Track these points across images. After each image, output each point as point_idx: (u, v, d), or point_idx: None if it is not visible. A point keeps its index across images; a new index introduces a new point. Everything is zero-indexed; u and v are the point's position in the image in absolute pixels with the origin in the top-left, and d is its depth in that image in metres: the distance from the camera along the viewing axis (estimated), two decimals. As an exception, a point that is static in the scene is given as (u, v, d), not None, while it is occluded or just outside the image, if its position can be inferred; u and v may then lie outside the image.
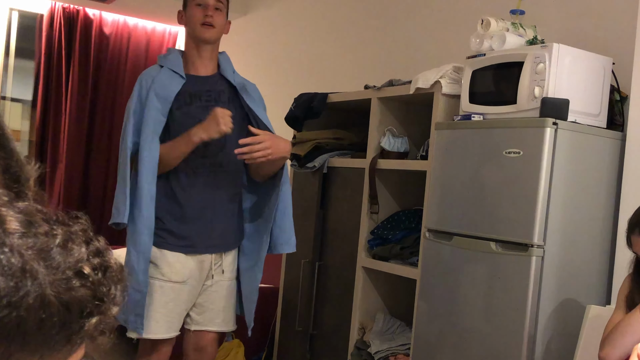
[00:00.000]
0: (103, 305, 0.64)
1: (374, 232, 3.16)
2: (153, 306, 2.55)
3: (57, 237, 0.62)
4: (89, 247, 0.65)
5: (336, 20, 4.41)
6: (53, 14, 5.56)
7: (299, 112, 3.52)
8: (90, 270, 0.63)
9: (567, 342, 2.32)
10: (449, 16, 3.51)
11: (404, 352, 2.97)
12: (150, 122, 2.54)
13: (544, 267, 2.28)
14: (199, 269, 2.62)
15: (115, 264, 0.68)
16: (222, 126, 2.45)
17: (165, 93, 2.58)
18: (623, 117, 2.54)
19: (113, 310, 0.66)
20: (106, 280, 0.65)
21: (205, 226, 2.61)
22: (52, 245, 0.61)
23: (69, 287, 0.60)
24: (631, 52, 2.47)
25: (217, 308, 2.66)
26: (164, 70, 2.63)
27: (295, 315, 3.53)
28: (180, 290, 2.58)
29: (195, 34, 2.63)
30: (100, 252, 0.66)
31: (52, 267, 0.60)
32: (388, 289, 3.24)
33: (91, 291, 0.63)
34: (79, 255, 0.63)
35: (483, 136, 2.47)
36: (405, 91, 2.98)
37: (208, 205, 2.60)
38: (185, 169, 2.59)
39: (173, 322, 2.60)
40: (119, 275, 0.67)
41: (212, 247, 2.63)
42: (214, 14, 2.62)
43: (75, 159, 5.66)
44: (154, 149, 2.52)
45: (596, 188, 2.42)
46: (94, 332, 0.64)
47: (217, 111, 2.48)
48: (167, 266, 2.56)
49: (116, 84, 5.84)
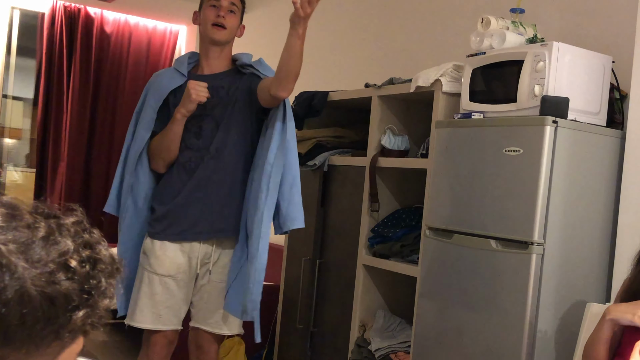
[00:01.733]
0: (91, 298, 0.63)
1: (374, 230, 3.16)
2: (139, 295, 2.61)
3: (39, 229, 0.61)
4: (77, 239, 0.64)
5: (337, 18, 4.42)
6: (54, 12, 5.57)
7: (300, 110, 3.52)
8: (76, 264, 0.61)
9: (567, 339, 2.33)
10: (449, 15, 3.52)
11: (405, 350, 2.98)
12: (143, 118, 2.66)
13: (544, 264, 2.29)
14: (188, 264, 2.63)
15: (106, 257, 0.66)
16: (193, 95, 2.51)
17: (160, 90, 2.66)
18: (623, 116, 2.55)
19: (103, 302, 0.65)
20: (95, 273, 0.64)
21: (194, 212, 2.62)
22: (34, 238, 0.60)
23: (52, 281, 0.59)
24: (631, 51, 2.47)
25: (210, 308, 2.66)
26: (170, 70, 2.73)
27: (296, 313, 3.54)
28: (168, 284, 2.60)
29: (205, 33, 2.67)
30: (90, 244, 0.64)
31: (32, 260, 0.58)
32: (388, 287, 3.25)
33: (78, 284, 0.61)
34: (65, 247, 0.61)
35: (483, 134, 2.48)
36: (406, 89, 2.98)
37: (199, 193, 2.61)
38: (181, 160, 2.64)
39: (161, 315, 2.60)
40: (110, 268, 0.66)
41: (202, 234, 2.61)
42: (227, 15, 2.65)
43: (76, 157, 5.67)
44: (139, 142, 2.64)
45: (596, 186, 2.42)
46: (83, 326, 0.63)
47: (190, 83, 2.55)
48: (154, 257, 2.61)
49: (117, 82, 5.85)
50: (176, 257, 2.61)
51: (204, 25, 2.65)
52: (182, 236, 2.61)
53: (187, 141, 2.62)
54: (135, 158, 2.64)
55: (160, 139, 2.63)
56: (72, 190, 5.64)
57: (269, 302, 3.79)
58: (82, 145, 5.70)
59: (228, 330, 2.69)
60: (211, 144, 2.62)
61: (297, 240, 3.58)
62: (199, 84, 2.54)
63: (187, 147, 2.62)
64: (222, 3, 2.64)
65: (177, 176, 2.64)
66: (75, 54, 5.64)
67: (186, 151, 2.63)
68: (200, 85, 2.53)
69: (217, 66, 2.70)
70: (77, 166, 5.67)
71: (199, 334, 2.70)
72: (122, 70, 5.87)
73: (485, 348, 2.39)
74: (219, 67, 2.70)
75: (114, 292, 0.68)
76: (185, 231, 2.61)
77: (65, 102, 5.62)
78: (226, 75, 2.68)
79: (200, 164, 2.62)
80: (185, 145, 2.62)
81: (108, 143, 5.82)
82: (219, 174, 2.62)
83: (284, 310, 3.68)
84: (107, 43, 5.80)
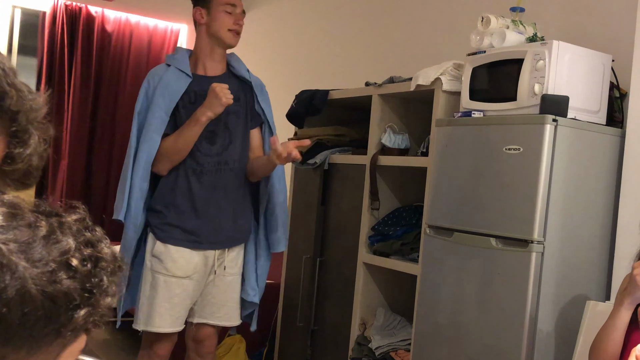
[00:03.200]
0: (93, 297, 0.62)
1: (374, 228, 3.17)
2: (157, 300, 2.57)
3: (40, 228, 0.60)
4: (79, 237, 0.63)
5: (337, 17, 4.42)
6: (55, 11, 5.57)
7: (301, 109, 3.53)
8: (78, 262, 0.61)
9: (567, 337, 2.33)
10: (449, 14, 3.52)
11: (405, 348, 2.99)
12: (153, 120, 2.58)
13: (544, 262, 2.29)
14: (204, 264, 2.64)
15: (108, 255, 0.66)
16: (223, 99, 2.49)
17: (170, 92, 2.61)
18: (622, 114, 2.55)
19: (105, 301, 0.64)
20: (97, 272, 0.63)
21: (210, 222, 2.63)
22: (35, 237, 0.59)
23: (53, 280, 0.59)
24: (630, 49, 2.48)
25: (219, 302, 2.69)
26: (171, 69, 2.66)
27: (296, 311, 3.55)
28: (186, 285, 2.61)
29: (220, 36, 2.66)
30: (91, 243, 0.64)
31: (33, 260, 0.58)
32: (389, 285, 3.25)
33: (79, 283, 0.61)
34: (66, 246, 0.61)
35: (483, 133, 2.49)
36: (406, 88, 2.99)
37: (214, 202, 2.63)
38: (192, 166, 2.62)
39: (178, 316, 2.62)
40: (112, 266, 0.66)
41: (217, 244, 2.66)
42: (242, 22, 2.70)
43: (77, 155, 5.68)
44: (152, 147, 2.57)
45: (596, 184, 2.43)
46: (85, 324, 0.63)
47: (215, 86, 2.52)
48: (170, 261, 2.58)
49: (118, 81, 5.86)
50: (192, 258, 2.62)
51: (219, 28, 2.65)
52: (197, 245, 2.63)
53: (198, 145, 2.60)
54: (149, 162, 2.57)
55: (175, 140, 2.56)
56: (73, 188, 5.64)
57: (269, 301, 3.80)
58: (83, 143, 5.71)
59: (235, 322, 2.76)
60: (226, 152, 2.65)
61: (298, 239, 3.58)
62: (223, 86, 2.52)
63: (198, 151, 2.61)
64: (237, 10, 2.68)
65: (185, 181, 2.62)
66: (76, 52, 5.65)
67: (197, 155, 2.61)
68: (226, 89, 2.52)
69: (218, 68, 2.71)
70: (78, 165, 5.68)
71: (200, 329, 2.71)
72: (123, 69, 5.87)
73: (485, 346, 2.40)
74: (219, 68, 2.71)
75: (116, 290, 0.68)
76: (201, 242, 2.63)
77: (66, 101, 5.63)
78: (227, 78, 2.69)
79: (216, 172, 2.63)
80: (196, 149, 2.60)
81: (109, 142, 5.83)
82: (233, 183, 2.66)
83: (284, 308, 3.69)
84: (108, 42, 5.81)
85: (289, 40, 4.93)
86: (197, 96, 2.62)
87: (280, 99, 4.02)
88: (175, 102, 2.60)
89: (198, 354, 2.73)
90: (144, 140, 2.57)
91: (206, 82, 2.63)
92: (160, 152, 2.58)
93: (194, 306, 2.69)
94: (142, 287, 2.60)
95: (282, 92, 4.23)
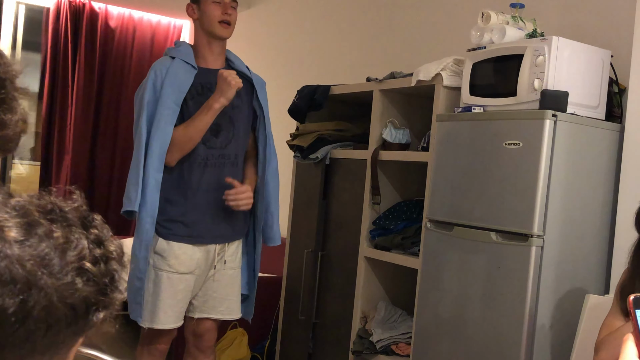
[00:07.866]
0: (107, 297, 0.63)
1: (375, 222, 3.19)
2: (161, 297, 2.58)
3: (57, 238, 0.60)
4: (89, 234, 0.63)
5: (338, 13, 4.44)
6: (59, 7, 5.59)
7: (302, 104, 3.54)
8: (91, 265, 0.62)
9: (566, 331, 2.35)
10: (449, 9, 3.53)
11: (406, 341, 3.01)
12: (164, 111, 2.57)
13: (544, 257, 2.31)
14: (205, 259, 2.66)
15: (115, 251, 0.66)
16: (232, 82, 2.52)
17: (179, 83, 2.61)
18: (621, 109, 2.56)
19: (117, 298, 0.66)
20: (108, 270, 0.64)
21: (212, 217, 2.65)
22: (53, 249, 0.59)
23: (74, 290, 0.59)
24: (629, 45, 2.49)
25: (220, 296, 2.71)
26: (176, 61, 2.66)
27: (298, 305, 3.57)
28: (188, 280, 2.63)
29: (212, 30, 2.67)
30: (99, 241, 0.64)
31: (54, 273, 0.58)
32: (390, 279, 3.27)
33: (95, 286, 0.62)
34: (80, 252, 0.61)
35: (483, 128, 2.50)
36: (407, 83, 3.00)
37: (215, 196, 2.64)
38: (195, 160, 2.63)
39: (180, 312, 2.65)
40: (120, 261, 0.67)
41: (218, 237, 2.68)
42: (231, 12, 2.67)
43: (81, 150, 5.70)
44: (165, 138, 2.55)
45: (595, 179, 2.44)
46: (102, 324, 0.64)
47: (223, 72, 2.54)
48: (173, 258, 2.60)
49: (122, 76, 5.88)
50: (194, 254, 2.64)
51: (209, 21, 2.66)
52: (199, 240, 2.65)
53: (204, 138, 2.62)
54: (162, 153, 2.55)
55: (185, 129, 2.57)
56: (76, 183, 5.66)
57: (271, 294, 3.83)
58: (86, 138, 5.73)
59: (236, 315, 2.79)
60: (229, 145, 2.67)
61: (299, 233, 3.60)
62: (230, 72, 2.55)
63: (203, 144, 2.63)
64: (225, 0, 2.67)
65: (189, 173, 2.64)
66: (80, 48, 5.67)
67: (202, 148, 2.63)
68: (234, 74, 2.55)
69: (218, 61, 2.72)
70: (81, 159, 5.71)
71: (201, 324, 2.73)
72: (127, 64, 5.89)
73: (486, 339, 2.41)
74: (219, 62, 2.73)
75: (125, 285, 0.69)
76: (203, 236, 2.65)
77: (70, 96, 5.65)
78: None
79: (218, 165, 2.65)
80: (201, 141, 2.62)
81: (112, 136, 5.85)
82: (234, 177, 2.67)
83: (286, 302, 3.71)
84: (112, 37, 5.82)
85: (291, 36, 4.95)
86: (204, 88, 2.64)
87: (282, 95, 4.04)
88: (185, 92, 2.61)
89: (198, 348, 2.75)
90: (156, 131, 2.55)
91: (210, 74, 2.65)
92: (172, 141, 2.57)
93: (194, 301, 2.71)
94: (146, 285, 2.60)
95: (283, 88, 4.25)
